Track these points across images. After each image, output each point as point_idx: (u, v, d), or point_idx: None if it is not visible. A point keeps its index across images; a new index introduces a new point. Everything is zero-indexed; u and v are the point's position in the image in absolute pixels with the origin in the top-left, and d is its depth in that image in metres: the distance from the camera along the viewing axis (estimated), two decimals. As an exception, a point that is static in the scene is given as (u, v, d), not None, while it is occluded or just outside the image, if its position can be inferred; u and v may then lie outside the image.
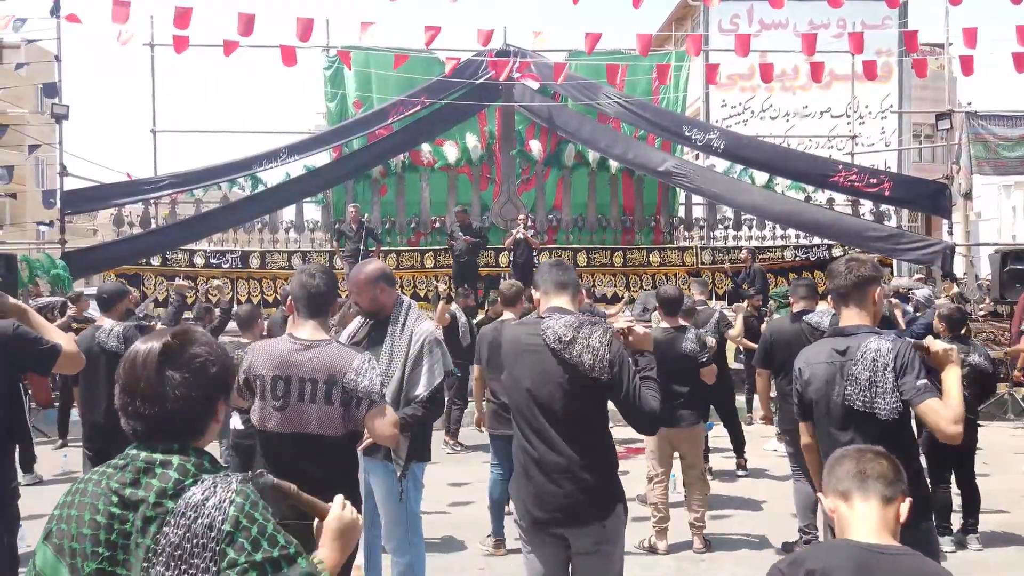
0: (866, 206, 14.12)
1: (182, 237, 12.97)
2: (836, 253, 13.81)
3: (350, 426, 3.01)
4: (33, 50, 12.96)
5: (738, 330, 8.15)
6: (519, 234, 12.17)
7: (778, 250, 14.13)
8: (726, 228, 14.85)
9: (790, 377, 4.83)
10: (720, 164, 14.50)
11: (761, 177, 13.94)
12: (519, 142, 14.61)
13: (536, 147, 14.51)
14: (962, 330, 6.18)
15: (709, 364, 5.65)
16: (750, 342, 9.03)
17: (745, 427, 8.22)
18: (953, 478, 5.74)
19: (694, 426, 5.67)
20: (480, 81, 13.18)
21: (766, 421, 6.66)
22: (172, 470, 1.55)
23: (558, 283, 3.13)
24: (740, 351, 10.03)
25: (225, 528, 1.49)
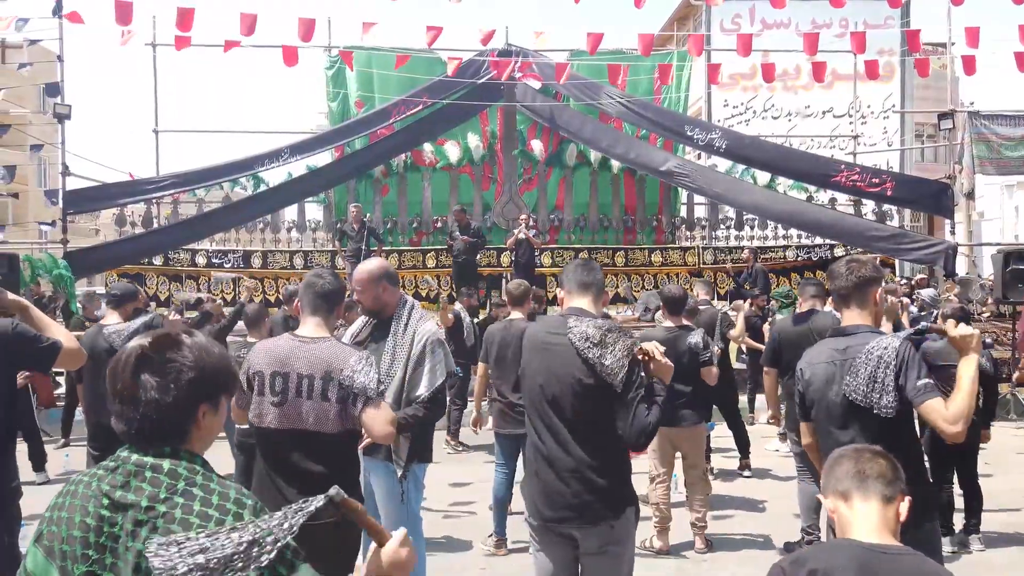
0: (868, 206, 14.11)
1: (184, 237, 12.98)
2: (838, 253, 13.79)
3: (347, 424, 2.99)
4: (35, 50, 12.96)
5: (739, 330, 8.13)
6: (521, 234, 12.17)
7: (780, 250, 14.11)
8: (728, 228, 14.85)
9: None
10: (722, 164, 14.48)
11: (763, 177, 13.93)
12: (521, 142, 14.60)
13: (538, 147, 14.51)
14: None
15: (710, 364, 5.65)
16: (753, 342, 9.03)
17: (747, 427, 8.20)
18: (955, 478, 5.73)
19: (696, 426, 5.66)
20: (482, 81, 13.18)
21: (775, 421, 6.64)
22: (163, 474, 1.54)
23: (582, 283, 3.14)
24: (742, 351, 10.02)
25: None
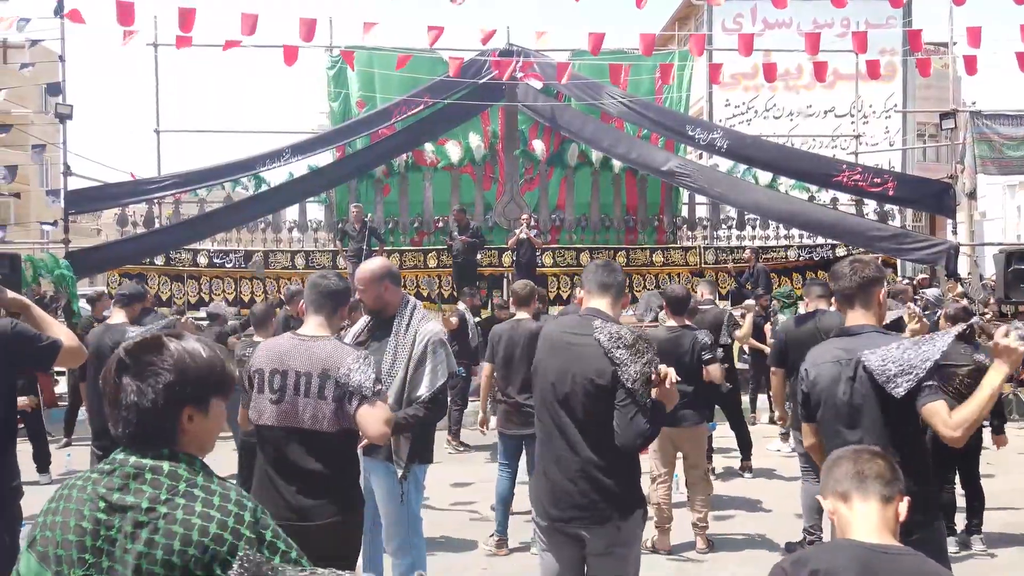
0: (870, 206, 14.09)
1: (186, 237, 12.97)
2: (840, 253, 13.78)
3: (344, 423, 2.98)
4: (37, 50, 12.96)
5: (746, 331, 8.09)
6: (522, 234, 12.16)
7: (782, 250, 14.10)
8: (729, 228, 14.83)
9: None
10: (724, 164, 14.47)
11: (765, 177, 13.91)
12: (522, 142, 14.59)
13: (539, 147, 14.50)
14: (970, 330, 6.13)
15: (713, 362, 5.64)
16: (755, 342, 9.02)
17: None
18: (957, 478, 5.72)
19: (697, 426, 5.66)
20: (483, 81, 13.16)
21: (782, 422, 6.61)
22: (163, 476, 1.54)
23: (601, 284, 3.14)
24: (745, 352, 10.01)
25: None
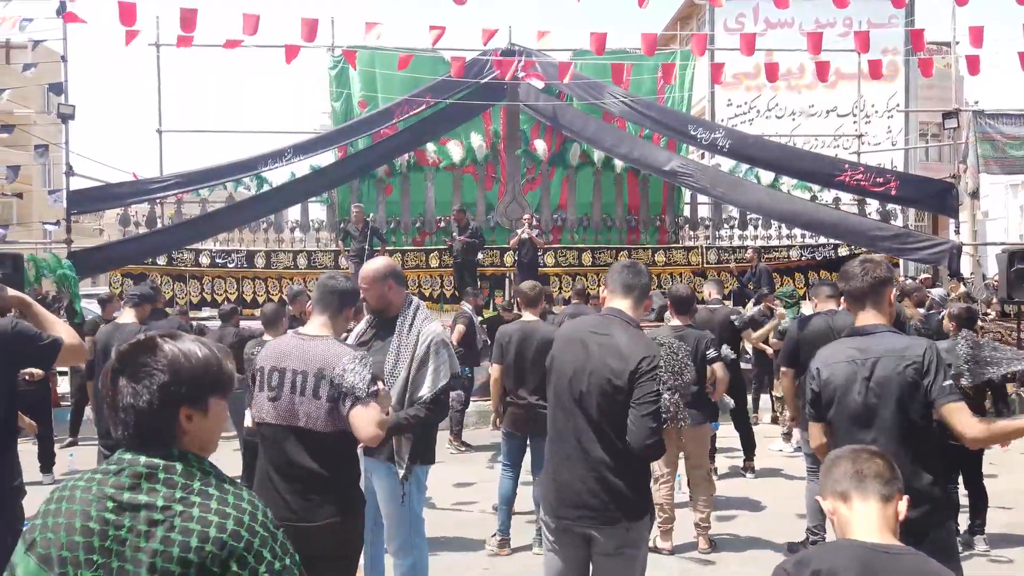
0: (872, 205, 14.08)
1: (188, 237, 12.98)
2: (842, 253, 13.79)
3: (339, 424, 2.95)
4: (39, 50, 12.98)
5: (760, 334, 7.98)
6: (524, 234, 12.16)
7: (784, 249, 14.10)
8: (731, 227, 14.82)
9: None
10: (726, 163, 14.46)
11: (767, 176, 13.90)
12: (524, 141, 14.59)
13: (541, 146, 14.50)
14: (974, 330, 6.11)
15: (717, 360, 5.63)
16: (761, 344, 8.98)
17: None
18: (960, 479, 5.71)
19: (700, 425, 5.64)
20: (485, 80, 13.16)
21: (794, 421, 6.57)
22: (177, 475, 1.54)
23: (626, 285, 3.14)
24: (748, 352, 9.98)
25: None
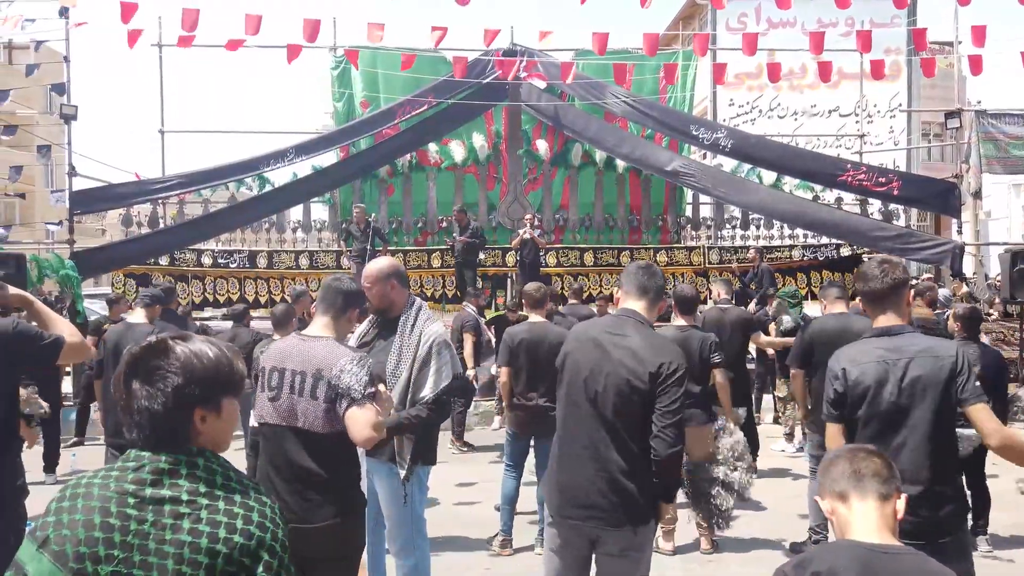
0: (875, 205, 14.06)
1: (190, 237, 13.00)
2: (844, 253, 13.79)
3: (336, 425, 2.93)
4: (42, 51, 13.02)
5: (768, 341, 7.87)
6: (526, 234, 12.16)
7: (786, 249, 14.09)
8: (733, 228, 14.80)
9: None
10: (728, 163, 14.46)
11: (769, 176, 13.88)
12: (526, 141, 14.59)
13: (543, 146, 14.50)
14: (978, 331, 6.08)
15: (719, 366, 5.62)
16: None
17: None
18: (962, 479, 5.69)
19: (704, 426, 5.63)
20: (487, 81, 13.16)
21: (804, 420, 6.52)
22: (200, 470, 1.58)
23: (641, 287, 3.13)
24: (751, 352, 9.95)
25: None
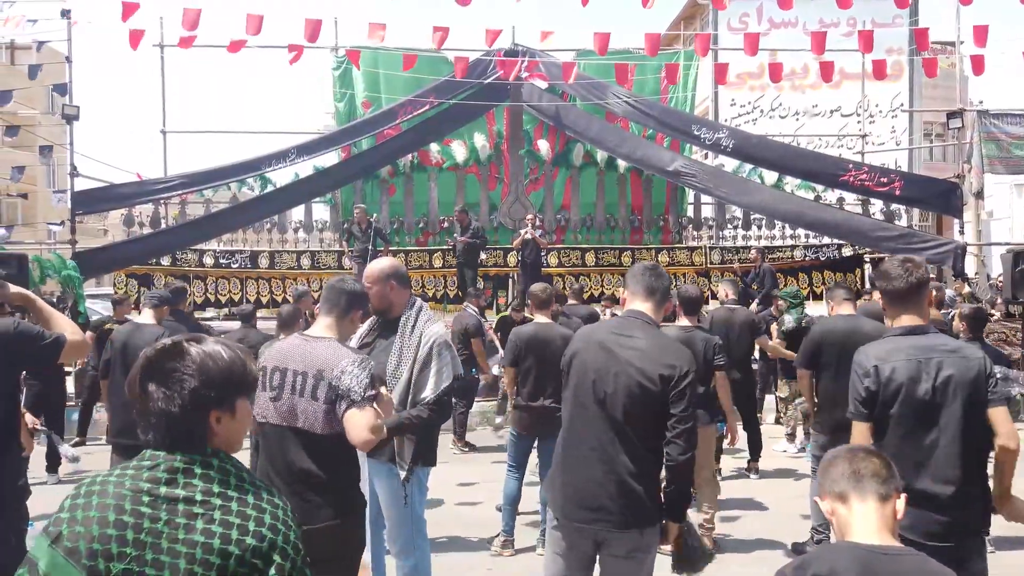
0: (876, 205, 14.05)
1: (192, 237, 13.01)
2: (846, 253, 13.78)
3: (336, 426, 2.93)
4: (44, 51, 13.02)
5: (775, 348, 7.86)
6: (527, 234, 12.15)
7: (788, 250, 14.08)
8: (735, 228, 14.80)
9: (840, 378, 4.78)
10: (729, 163, 14.45)
11: (770, 177, 13.88)
12: (527, 142, 14.60)
13: (544, 147, 14.50)
14: (983, 331, 6.06)
15: (722, 368, 5.62)
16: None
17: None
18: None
19: (706, 426, 5.63)
20: (488, 81, 13.16)
21: (808, 420, 6.51)
22: (214, 470, 1.60)
23: (648, 288, 3.13)
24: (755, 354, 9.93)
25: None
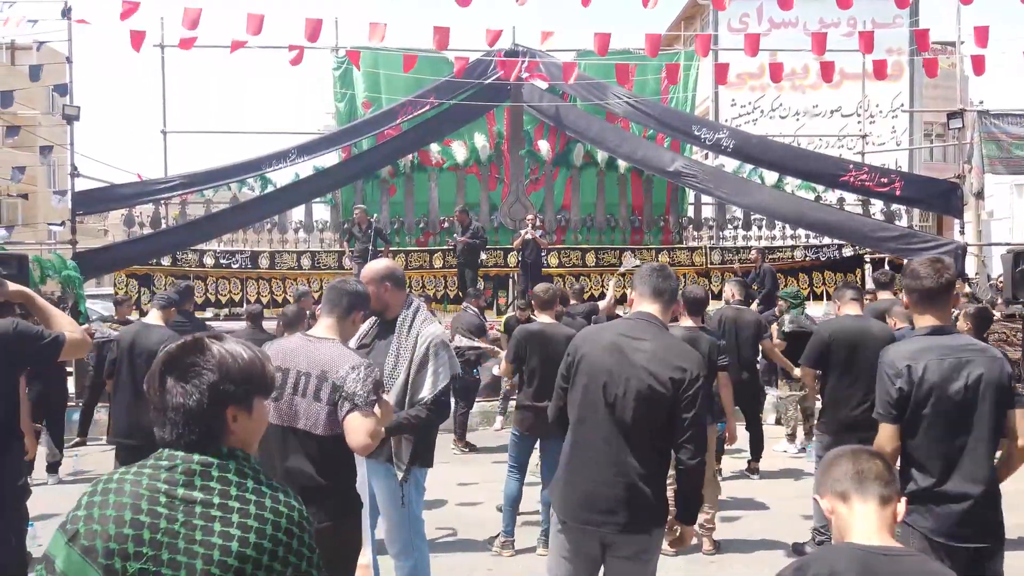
0: (877, 206, 14.05)
1: (192, 237, 13.02)
2: (846, 253, 13.78)
3: (337, 428, 2.92)
4: (44, 51, 13.04)
5: (778, 355, 7.85)
6: (528, 234, 12.16)
7: (788, 250, 14.09)
8: (735, 228, 14.81)
9: (846, 378, 4.78)
10: (730, 164, 14.46)
11: (771, 177, 13.89)
12: (528, 142, 14.61)
13: (545, 147, 14.51)
14: (987, 331, 6.03)
15: (725, 369, 5.61)
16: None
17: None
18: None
19: (709, 426, 5.63)
20: (489, 81, 13.18)
21: (812, 424, 6.50)
22: (232, 473, 1.58)
23: (656, 290, 3.11)
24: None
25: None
